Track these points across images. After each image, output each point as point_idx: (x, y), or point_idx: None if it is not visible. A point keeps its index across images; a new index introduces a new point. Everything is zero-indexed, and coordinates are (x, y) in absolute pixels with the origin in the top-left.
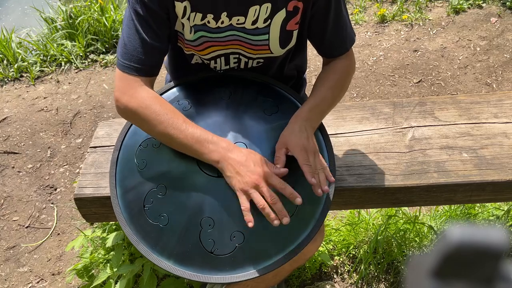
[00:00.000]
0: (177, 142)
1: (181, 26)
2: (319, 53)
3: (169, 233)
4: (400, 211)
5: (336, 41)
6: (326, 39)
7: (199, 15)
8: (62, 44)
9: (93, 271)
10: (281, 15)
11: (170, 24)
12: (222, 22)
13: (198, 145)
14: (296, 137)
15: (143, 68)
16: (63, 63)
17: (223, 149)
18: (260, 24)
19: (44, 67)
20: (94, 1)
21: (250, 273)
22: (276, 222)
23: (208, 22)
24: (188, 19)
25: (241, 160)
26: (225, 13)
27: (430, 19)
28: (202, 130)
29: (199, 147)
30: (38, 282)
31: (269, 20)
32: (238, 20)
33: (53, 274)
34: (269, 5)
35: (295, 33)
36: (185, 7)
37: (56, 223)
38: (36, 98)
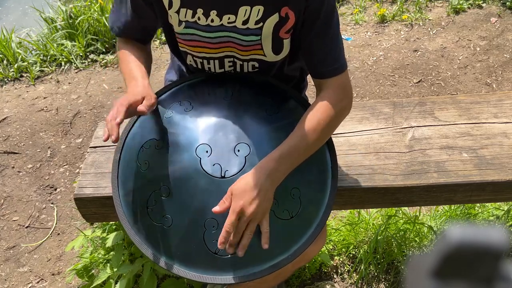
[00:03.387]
0: (123, 78)
1: (171, 18)
2: (309, 72)
3: (173, 234)
4: (400, 211)
5: (321, 56)
6: (312, 51)
7: (190, 12)
8: (62, 44)
9: (93, 271)
10: (273, 19)
11: (155, 15)
12: (212, 21)
13: (127, 80)
14: (240, 195)
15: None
16: (63, 63)
17: (130, 88)
18: (251, 25)
19: (44, 67)
20: (94, 1)
21: (252, 274)
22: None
23: (199, 18)
24: (177, 13)
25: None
26: (214, 12)
27: (430, 19)
28: (140, 71)
29: (128, 83)
30: (38, 282)
31: (261, 23)
32: (229, 18)
33: (53, 274)
34: (261, 8)
35: (286, 42)
36: (170, 0)
37: (56, 223)
38: (36, 98)
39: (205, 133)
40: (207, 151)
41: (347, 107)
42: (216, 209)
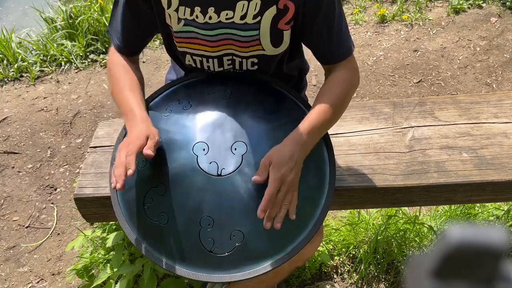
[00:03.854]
0: (118, 105)
1: (169, 18)
2: (317, 58)
3: (169, 232)
4: (400, 211)
5: (330, 46)
6: (319, 42)
7: (188, 10)
8: (62, 44)
9: (93, 271)
10: (271, 12)
11: (154, 15)
12: (210, 18)
13: (123, 110)
14: (280, 164)
15: (119, 45)
16: (63, 63)
17: (129, 122)
18: (249, 19)
19: (44, 67)
20: (94, 1)
21: (249, 273)
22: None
23: (197, 16)
24: (176, 11)
25: (130, 133)
26: (212, 8)
27: (430, 19)
28: (136, 100)
29: (124, 113)
30: (38, 282)
31: (259, 17)
32: (226, 14)
33: (53, 274)
34: (258, 1)
35: (286, 34)
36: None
37: (56, 223)
38: (36, 98)
39: (203, 132)
40: (204, 149)
41: (356, 85)
42: (257, 178)
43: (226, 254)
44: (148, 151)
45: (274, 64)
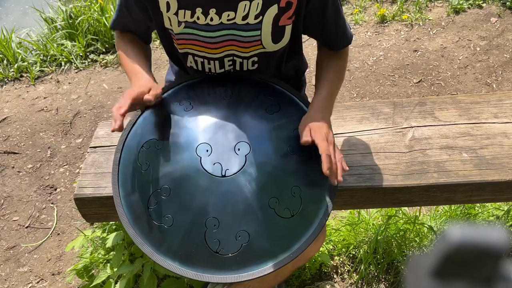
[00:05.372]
0: (126, 73)
1: (169, 21)
2: (321, 43)
3: (174, 234)
4: (400, 211)
5: (338, 34)
6: (327, 33)
7: (188, 12)
8: (62, 44)
9: (93, 271)
10: (273, 10)
11: (145, 18)
12: (212, 19)
13: (131, 75)
14: (319, 125)
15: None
16: (63, 63)
17: (135, 82)
18: (251, 20)
19: (44, 67)
20: (94, 1)
21: (254, 273)
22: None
23: (198, 18)
24: (176, 14)
25: (133, 85)
26: (214, 10)
27: (430, 19)
28: (142, 67)
29: (130, 78)
30: (38, 282)
31: (261, 17)
32: (228, 15)
33: (53, 274)
34: (260, 1)
35: (287, 28)
36: (167, 2)
37: (56, 223)
38: (36, 98)
39: (205, 133)
40: (207, 150)
41: (346, 64)
42: (307, 139)
43: (232, 254)
44: (149, 97)
45: (274, 61)
